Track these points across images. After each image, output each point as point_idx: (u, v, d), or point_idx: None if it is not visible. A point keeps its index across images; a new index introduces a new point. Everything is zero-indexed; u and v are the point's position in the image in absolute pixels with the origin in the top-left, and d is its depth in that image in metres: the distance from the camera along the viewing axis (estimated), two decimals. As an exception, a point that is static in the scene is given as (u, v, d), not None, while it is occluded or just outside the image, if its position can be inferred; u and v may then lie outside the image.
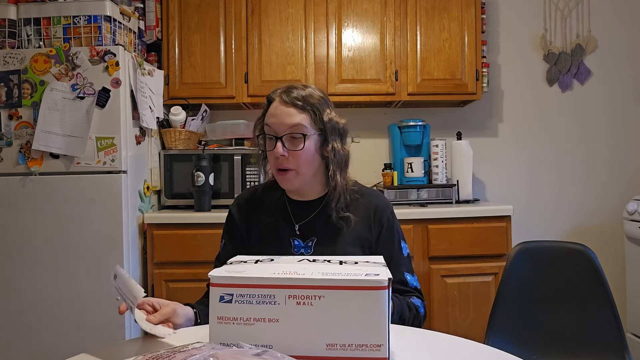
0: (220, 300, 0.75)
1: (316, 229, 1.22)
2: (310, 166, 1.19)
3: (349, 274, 0.75)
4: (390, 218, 1.25)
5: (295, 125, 1.15)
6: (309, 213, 1.23)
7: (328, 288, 0.73)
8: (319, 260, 0.86)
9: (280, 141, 1.15)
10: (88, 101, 2.07)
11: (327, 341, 0.73)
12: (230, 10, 2.54)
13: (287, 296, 0.74)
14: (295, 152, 1.16)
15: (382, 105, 2.81)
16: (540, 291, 1.48)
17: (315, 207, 1.24)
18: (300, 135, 1.15)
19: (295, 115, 1.16)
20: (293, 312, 0.74)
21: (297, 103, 1.16)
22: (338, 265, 0.81)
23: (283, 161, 1.16)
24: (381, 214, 1.24)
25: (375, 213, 1.24)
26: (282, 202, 1.27)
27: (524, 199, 2.88)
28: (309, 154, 1.17)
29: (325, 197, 1.24)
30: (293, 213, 1.25)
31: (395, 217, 1.28)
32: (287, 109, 1.16)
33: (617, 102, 2.91)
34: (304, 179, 1.20)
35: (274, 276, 0.75)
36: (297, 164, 1.16)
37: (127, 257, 2.10)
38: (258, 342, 0.73)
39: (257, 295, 0.74)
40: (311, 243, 1.21)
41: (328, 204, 1.22)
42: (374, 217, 1.23)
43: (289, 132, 1.16)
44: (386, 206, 1.27)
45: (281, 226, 1.23)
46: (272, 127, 1.17)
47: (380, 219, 1.24)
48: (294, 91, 1.18)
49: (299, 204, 1.25)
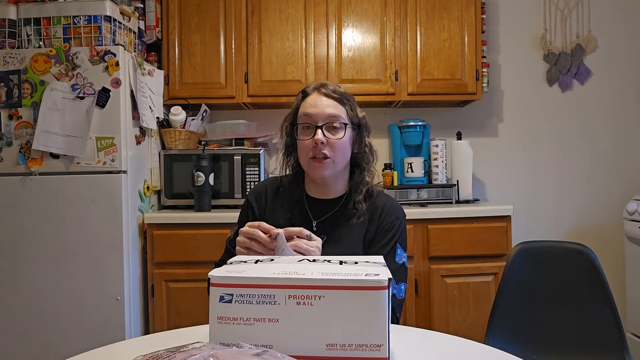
0: (220, 300, 0.75)
1: (332, 226, 1.22)
2: (344, 157, 1.23)
3: (349, 274, 0.75)
4: (393, 221, 1.24)
5: (335, 115, 1.20)
6: (327, 210, 1.25)
7: (328, 288, 0.73)
8: (319, 260, 0.86)
9: (321, 129, 1.19)
10: (88, 101, 2.07)
11: (327, 341, 0.73)
12: (230, 10, 2.54)
13: (287, 296, 0.74)
14: (333, 141, 1.19)
15: (382, 105, 2.81)
16: (540, 291, 1.48)
17: (333, 205, 1.25)
18: (341, 125, 1.20)
19: (335, 106, 1.21)
20: (293, 312, 0.74)
21: (335, 96, 1.22)
22: (338, 265, 0.81)
23: (322, 148, 1.18)
24: (387, 213, 1.24)
25: (382, 211, 1.24)
26: (301, 199, 1.28)
27: (524, 199, 2.88)
28: (345, 145, 1.21)
29: (344, 196, 1.26)
30: (311, 210, 1.25)
31: (402, 224, 1.26)
32: (327, 100, 1.21)
33: (617, 102, 2.91)
34: (337, 170, 1.23)
35: (274, 276, 0.75)
36: (333, 153, 1.19)
37: (127, 257, 2.10)
38: (258, 342, 0.73)
39: (257, 295, 0.74)
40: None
41: (347, 203, 1.24)
42: (380, 215, 1.24)
43: (330, 121, 1.19)
44: (395, 209, 1.26)
45: (298, 221, 1.23)
46: (312, 116, 1.20)
47: (385, 219, 1.23)
48: (331, 85, 1.24)
49: (318, 201, 1.26)
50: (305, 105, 1.23)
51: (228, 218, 2.21)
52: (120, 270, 2.07)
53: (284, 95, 2.52)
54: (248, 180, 2.42)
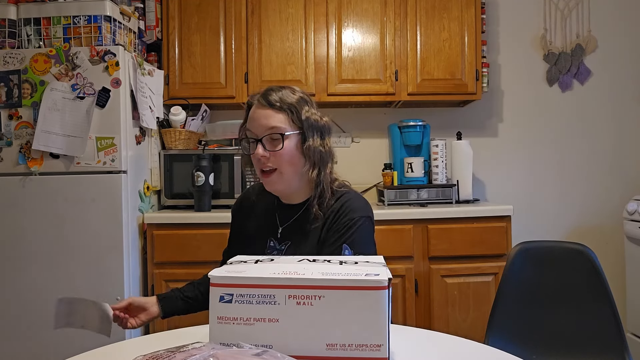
0: (220, 300, 0.75)
1: (295, 231, 1.22)
2: (293, 165, 1.18)
3: (349, 274, 0.75)
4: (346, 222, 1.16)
5: (273, 126, 1.16)
6: (292, 216, 1.24)
7: (328, 288, 0.73)
8: (319, 260, 0.86)
9: (261, 143, 1.17)
10: (88, 101, 2.07)
11: (327, 341, 0.73)
12: (230, 10, 2.54)
13: (287, 296, 0.74)
14: (275, 153, 1.16)
15: (382, 105, 2.81)
16: (540, 291, 1.48)
17: (297, 210, 1.24)
18: (279, 136, 1.16)
19: (272, 116, 1.17)
20: (293, 312, 0.74)
21: (274, 104, 1.18)
22: (338, 265, 0.81)
23: (265, 162, 1.17)
24: (341, 214, 1.17)
25: (338, 212, 1.18)
26: (272, 206, 1.29)
27: (524, 199, 2.88)
28: (289, 154, 1.17)
29: (308, 200, 1.23)
30: (279, 216, 1.26)
31: (356, 224, 1.16)
32: (265, 111, 1.18)
33: (617, 102, 2.91)
34: (288, 179, 1.19)
35: (274, 276, 0.75)
36: (278, 164, 1.17)
37: (127, 257, 2.10)
38: (258, 342, 0.73)
39: (257, 295, 0.74)
40: (284, 247, 1.22)
41: (308, 208, 1.21)
42: (335, 217, 1.18)
43: (268, 133, 1.16)
44: (353, 210, 1.18)
45: (265, 229, 1.26)
46: (252, 130, 1.19)
47: (337, 220, 1.17)
48: (271, 93, 1.19)
49: (285, 207, 1.26)
50: (248, 119, 1.21)
51: (228, 218, 2.16)
52: (120, 270, 2.07)
53: (284, 95, 2.52)
54: (248, 180, 2.42)
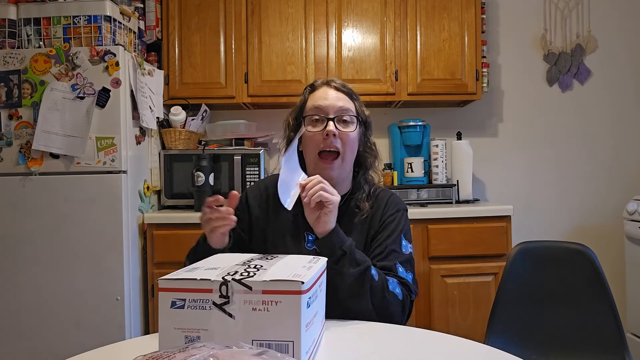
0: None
1: None
2: (352, 153, 1.22)
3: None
4: (395, 214, 1.23)
5: (346, 108, 1.19)
6: None
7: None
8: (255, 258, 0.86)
9: (332, 121, 1.18)
10: (88, 101, 2.07)
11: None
12: (230, 10, 2.54)
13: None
14: (344, 134, 1.18)
15: (382, 105, 2.81)
16: (540, 291, 1.48)
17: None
18: (352, 118, 1.19)
19: (346, 100, 1.21)
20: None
21: (345, 90, 1.22)
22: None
23: (333, 141, 1.17)
24: (389, 207, 1.23)
25: (386, 205, 1.23)
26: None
27: (524, 199, 2.88)
28: (355, 139, 1.21)
29: (346, 195, 1.23)
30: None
31: (404, 216, 1.25)
32: (338, 93, 1.21)
33: (617, 102, 2.91)
34: (345, 167, 1.22)
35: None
36: (344, 146, 1.18)
37: (127, 257, 2.10)
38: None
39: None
40: None
41: (349, 202, 1.23)
42: (384, 209, 1.23)
43: (341, 113, 1.19)
44: (397, 203, 1.26)
45: (302, 223, 1.19)
46: (323, 108, 1.19)
47: (387, 212, 1.22)
48: (339, 80, 1.24)
49: None
50: (315, 98, 1.21)
51: (228, 218, 2.20)
52: (120, 270, 2.07)
53: (284, 95, 2.52)
54: (248, 180, 2.42)
